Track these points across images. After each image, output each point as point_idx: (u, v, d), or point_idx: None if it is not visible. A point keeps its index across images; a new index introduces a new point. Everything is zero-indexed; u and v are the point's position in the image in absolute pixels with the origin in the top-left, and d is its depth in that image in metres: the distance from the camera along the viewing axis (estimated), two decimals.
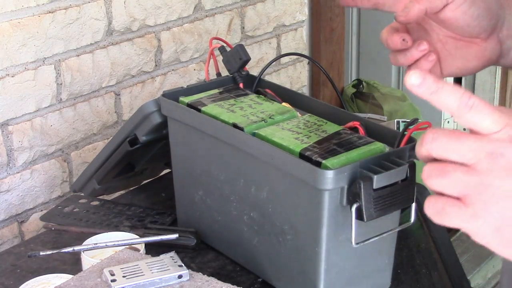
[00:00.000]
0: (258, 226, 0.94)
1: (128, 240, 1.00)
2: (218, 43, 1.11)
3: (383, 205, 0.82)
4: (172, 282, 0.88)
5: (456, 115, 0.68)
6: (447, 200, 0.68)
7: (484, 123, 0.67)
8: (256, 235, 0.95)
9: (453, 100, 0.67)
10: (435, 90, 0.67)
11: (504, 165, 0.66)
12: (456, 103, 0.67)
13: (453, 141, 0.68)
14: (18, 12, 1.35)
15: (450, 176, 0.67)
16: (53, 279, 0.96)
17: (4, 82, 1.34)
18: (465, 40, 0.94)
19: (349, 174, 0.81)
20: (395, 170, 0.83)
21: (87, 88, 1.50)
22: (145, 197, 1.27)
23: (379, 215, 0.83)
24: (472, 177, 0.67)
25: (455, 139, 0.68)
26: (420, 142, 0.68)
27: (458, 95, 0.67)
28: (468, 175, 0.67)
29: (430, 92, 0.67)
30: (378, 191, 0.82)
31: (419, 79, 0.66)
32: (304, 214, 0.86)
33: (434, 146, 0.68)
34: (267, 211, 0.92)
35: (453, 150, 0.68)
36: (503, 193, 0.67)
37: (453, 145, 0.68)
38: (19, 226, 1.43)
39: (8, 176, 1.39)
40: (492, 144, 0.67)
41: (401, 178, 0.84)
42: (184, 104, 1.01)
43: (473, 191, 0.67)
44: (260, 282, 0.99)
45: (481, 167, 0.67)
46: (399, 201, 0.84)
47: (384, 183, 0.82)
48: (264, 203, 0.92)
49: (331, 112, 0.98)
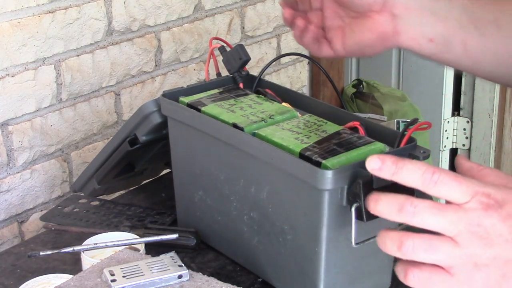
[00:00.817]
0: (258, 226, 0.94)
1: (128, 240, 1.00)
2: (218, 43, 1.11)
3: None
4: (172, 282, 0.88)
5: (423, 190, 0.71)
6: (432, 270, 0.70)
7: (454, 195, 0.70)
8: (256, 235, 0.95)
9: (416, 177, 0.70)
10: (395, 171, 0.70)
11: (482, 235, 0.69)
12: (419, 180, 0.70)
13: (435, 214, 0.69)
14: (18, 12, 1.35)
15: (439, 251, 0.69)
16: (53, 279, 0.96)
17: (4, 82, 1.34)
18: (359, 15, 0.96)
19: (349, 174, 0.81)
20: None
21: (87, 88, 1.50)
22: (145, 197, 1.27)
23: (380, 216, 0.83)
24: (456, 249, 0.69)
25: (437, 212, 0.69)
26: (399, 211, 0.70)
27: (420, 172, 0.70)
28: (453, 247, 0.69)
29: (391, 173, 0.70)
30: (378, 191, 0.82)
31: (378, 163, 0.70)
32: (304, 214, 0.86)
33: (416, 219, 0.70)
34: (267, 211, 0.92)
35: (436, 224, 0.70)
36: (484, 261, 0.69)
37: (435, 219, 0.69)
38: (19, 226, 1.43)
39: (8, 176, 1.39)
40: (468, 215, 0.69)
41: None
42: (184, 104, 1.01)
43: (457, 262, 0.69)
44: (260, 282, 0.99)
45: (462, 239, 0.69)
46: None
47: (384, 183, 0.82)
48: (264, 203, 0.92)
49: (331, 112, 0.98)
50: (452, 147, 2.56)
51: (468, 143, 2.52)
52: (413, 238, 0.70)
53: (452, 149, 2.57)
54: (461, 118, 2.51)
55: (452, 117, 2.52)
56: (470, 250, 0.69)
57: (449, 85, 2.49)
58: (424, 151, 0.85)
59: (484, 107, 2.44)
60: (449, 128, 2.53)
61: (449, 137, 2.54)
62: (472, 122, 2.48)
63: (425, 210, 0.70)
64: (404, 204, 0.70)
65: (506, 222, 0.69)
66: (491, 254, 0.69)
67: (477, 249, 0.69)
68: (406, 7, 0.99)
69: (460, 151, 2.56)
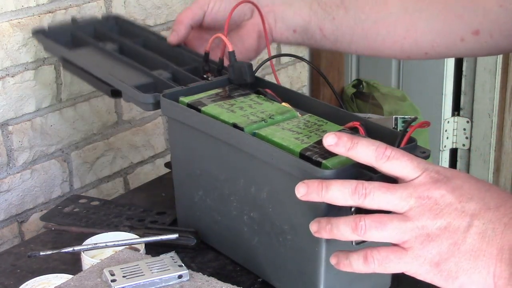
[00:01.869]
0: (258, 226, 0.94)
1: (128, 240, 1.00)
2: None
3: None
4: (172, 282, 0.88)
5: (376, 166, 0.76)
6: (388, 249, 0.74)
7: (405, 171, 0.74)
8: (256, 235, 0.95)
9: (370, 152, 0.75)
10: (351, 146, 0.75)
11: (432, 206, 0.73)
12: (373, 155, 0.75)
13: (384, 193, 0.74)
14: (18, 12, 1.35)
15: (388, 227, 0.73)
16: (53, 279, 0.96)
17: (4, 82, 1.34)
18: (235, 27, 1.14)
19: (349, 174, 0.81)
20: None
21: (87, 88, 1.50)
22: (145, 197, 1.27)
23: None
24: (407, 223, 0.73)
25: (386, 190, 0.73)
26: (352, 194, 0.74)
27: (373, 147, 0.75)
28: (403, 222, 0.73)
29: (347, 148, 0.75)
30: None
31: (334, 139, 0.75)
32: (304, 214, 0.86)
33: (367, 200, 0.72)
34: (267, 211, 0.92)
35: (387, 202, 0.74)
36: (436, 231, 0.72)
37: (385, 197, 0.73)
38: (19, 226, 1.43)
39: (8, 176, 1.39)
40: (418, 189, 0.73)
41: None
42: (184, 104, 1.00)
43: (410, 235, 0.72)
44: (260, 282, 0.99)
45: (413, 213, 0.73)
46: None
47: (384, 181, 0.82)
48: (264, 203, 0.92)
49: (331, 112, 0.98)
50: (452, 147, 2.56)
51: (468, 143, 2.52)
52: (365, 217, 0.73)
53: (452, 149, 2.57)
54: (461, 118, 2.51)
55: (452, 117, 2.52)
56: (421, 222, 0.72)
57: (449, 85, 2.49)
58: (424, 151, 0.85)
59: (484, 107, 2.44)
60: (449, 128, 2.53)
61: (449, 137, 2.54)
62: (472, 122, 2.48)
63: (376, 190, 0.73)
64: (356, 187, 0.74)
65: (454, 192, 0.72)
66: (441, 224, 0.72)
67: (427, 220, 0.72)
68: (272, 5, 1.13)
69: (460, 151, 2.56)
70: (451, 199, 0.72)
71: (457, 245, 0.71)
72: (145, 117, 1.66)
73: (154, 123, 1.68)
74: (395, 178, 0.76)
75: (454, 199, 0.72)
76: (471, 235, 0.71)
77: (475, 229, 0.71)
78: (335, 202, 0.76)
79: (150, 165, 1.70)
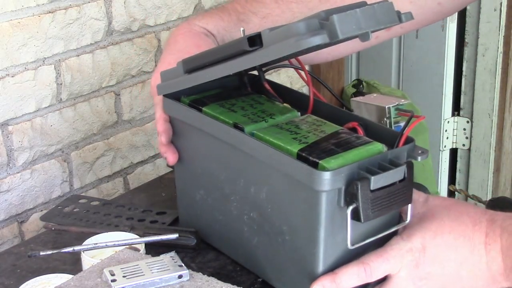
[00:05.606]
0: (258, 226, 0.94)
1: (128, 240, 1.00)
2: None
3: (380, 206, 0.82)
4: (172, 282, 0.88)
5: (364, 284, 0.84)
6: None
7: (387, 272, 0.84)
8: (256, 235, 0.95)
9: (355, 281, 0.83)
10: (337, 286, 0.83)
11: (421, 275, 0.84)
12: (359, 281, 0.83)
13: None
14: (18, 12, 1.35)
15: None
16: (53, 279, 0.96)
17: (4, 82, 1.34)
18: None
19: (346, 175, 0.81)
20: (393, 171, 0.83)
21: (87, 88, 1.50)
22: (145, 197, 1.27)
23: (376, 216, 0.83)
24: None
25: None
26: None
27: (355, 276, 0.83)
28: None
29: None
30: (376, 192, 0.82)
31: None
32: (301, 215, 0.86)
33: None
34: (266, 211, 0.92)
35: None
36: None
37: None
38: (19, 226, 1.43)
39: (8, 176, 1.39)
40: (404, 283, 0.84)
41: (399, 179, 0.84)
42: (186, 103, 1.01)
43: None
44: (260, 282, 0.99)
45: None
46: (397, 202, 0.84)
47: (381, 184, 0.82)
48: (263, 203, 0.92)
49: (331, 111, 0.97)
50: (452, 147, 2.56)
51: (468, 143, 2.52)
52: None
53: (452, 149, 2.57)
54: (461, 118, 2.51)
55: (452, 117, 2.52)
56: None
57: (449, 85, 2.49)
58: (422, 151, 0.85)
59: (484, 107, 2.44)
60: (449, 128, 2.53)
61: (449, 137, 2.54)
62: (472, 122, 2.48)
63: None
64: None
65: (434, 263, 0.82)
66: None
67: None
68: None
69: (460, 151, 2.56)
70: (431, 267, 0.83)
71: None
72: (145, 117, 1.66)
73: (154, 123, 1.68)
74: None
75: (433, 266, 0.83)
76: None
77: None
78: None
79: (150, 165, 1.70)
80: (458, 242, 0.81)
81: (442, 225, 0.82)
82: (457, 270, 0.81)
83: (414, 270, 0.82)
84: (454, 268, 0.81)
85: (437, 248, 0.82)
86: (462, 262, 0.81)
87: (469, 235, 0.81)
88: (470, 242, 0.81)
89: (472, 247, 0.81)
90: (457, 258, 0.81)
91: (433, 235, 0.82)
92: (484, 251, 0.80)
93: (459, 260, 0.81)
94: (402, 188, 0.84)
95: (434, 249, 0.82)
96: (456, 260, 0.81)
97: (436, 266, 0.82)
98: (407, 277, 0.83)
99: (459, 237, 0.82)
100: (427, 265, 0.82)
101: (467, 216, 0.83)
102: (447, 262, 0.82)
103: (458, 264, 0.81)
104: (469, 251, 0.81)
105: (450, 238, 0.82)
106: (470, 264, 0.81)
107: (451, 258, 0.81)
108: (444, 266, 0.82)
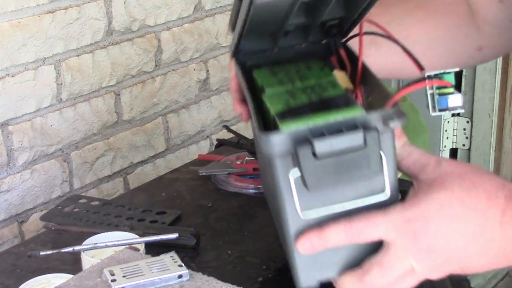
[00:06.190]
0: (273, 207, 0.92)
1: (128, 240, 1.00)
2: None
3: (333, 174, 0.74)
4: (172, 282, 0.88)
5: (351, 243, 0.79)
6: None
7: (378, 236, 0.77)
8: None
9: (342, 237, 0.77)
10: (324, 242, 0.77)
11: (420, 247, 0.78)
12: (346, 238, 0.78)
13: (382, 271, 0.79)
14: (18, 12, 1.35)
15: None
16: (53, 279, 0.96)
17: (4, 82, 1.35)
18: None
19: (294, 139, 0.73)
20: (345, 136, 0.73)
21: (87, 88, 1.50)
22: (145, 197, 1.27)
23: (327, 185, 0.75)
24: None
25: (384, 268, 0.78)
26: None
27: (343, 232, 0.77)
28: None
29: (323, 246, 0.77)
30: (324, 160, 0.73)
31: (307, 244, 0.77)
32: (272, 182, 0.80)
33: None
34: (273, 193, 0.89)
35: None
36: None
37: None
38: (19, 226, 1.43)
39: (8, 176, 1.39)
40: (404, 257, 0.78)
41: (354, 145, 0.74)
42: (247, 66, 0.93)
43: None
44: (260, 282, 0.99)
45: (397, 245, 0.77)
46: (355, 172, 0.75)
47: (328, 149, 0.73)
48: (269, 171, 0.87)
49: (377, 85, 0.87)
50: (452, 147, 2.56)
51: (468, 143, 2.52)
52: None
53: (452, 149, 2.57)
54: (461, 118, 2.51)
55: (452, 117, 2.52)
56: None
57: None
58: (398, 115, 0.77)
59: (484, 107, 2.44)
60: (449, 128, 2.53)
61: (449, 137, 2.54)
62: (472, 122, 2.48)
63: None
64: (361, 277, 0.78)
65: (436, 236, 0.76)
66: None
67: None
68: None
69: (460, 151, 2.56)
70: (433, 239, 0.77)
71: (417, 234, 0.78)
72: (145, 117, 1.66)
73: (154, 123, 1.68)
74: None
75: (437, 237, 0.77)
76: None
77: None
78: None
79: (150, 165, 1.70)
80: (468, 216, 0.75)
81: (451, 196, 0.75)
82: (465, 247, 0.76)
83: (413, 242, 0.77)
84: (461, 243, 0.76)
85: (442, 221, 0.75)
86: (470, 238, 0.75)
87: (481, 210, 0.75)
88: (482, 217, 0.75)
89: (483, 223, 0.74)
90: (466, 233, 0.75)
91: (439, 206, 0.76)
92: (498, 229, 0.74)
93: (468, 235, 0.75)
94: (360, 157, 0.75)
95: (439, 221, 0.75)
96: (464, 235, 0.75)
97: (439, 240, 0.76)
98: (405, 248, 0.78)
99: (469, 211, 0.75)
100: (429, 238, 0.76)
101: (482, 188, 0.76)
102: (453, 237, 0.76)
103: (466, 240, 0.75)
104: (480, 227, 0.75)
105: (458, 211, 0.75)
106: (480, 242, 0.75)
107: (458, 233, 0.75)
108: (449, 240, 0.76)
